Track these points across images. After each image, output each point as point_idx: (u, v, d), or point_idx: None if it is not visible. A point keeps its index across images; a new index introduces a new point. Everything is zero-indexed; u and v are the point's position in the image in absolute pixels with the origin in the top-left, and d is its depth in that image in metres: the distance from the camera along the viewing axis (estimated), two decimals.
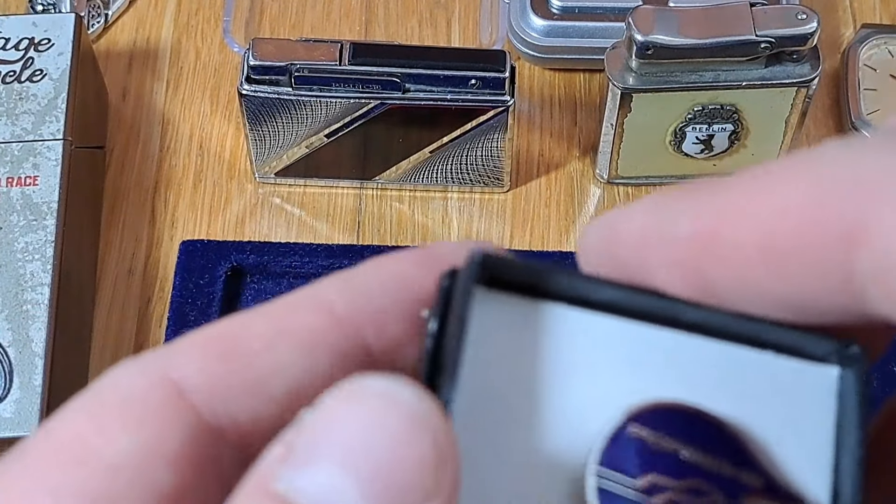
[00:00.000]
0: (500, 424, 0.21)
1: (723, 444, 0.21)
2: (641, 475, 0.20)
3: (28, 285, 0.47)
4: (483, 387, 0.21)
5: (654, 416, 0.21)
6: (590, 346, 0.21)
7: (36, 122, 0.50)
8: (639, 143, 0.51)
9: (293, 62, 0.49)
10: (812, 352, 0.21)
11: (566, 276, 0.21)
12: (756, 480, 0.20)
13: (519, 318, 0.21)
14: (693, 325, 0.21)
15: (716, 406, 0.21)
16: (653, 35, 0.47)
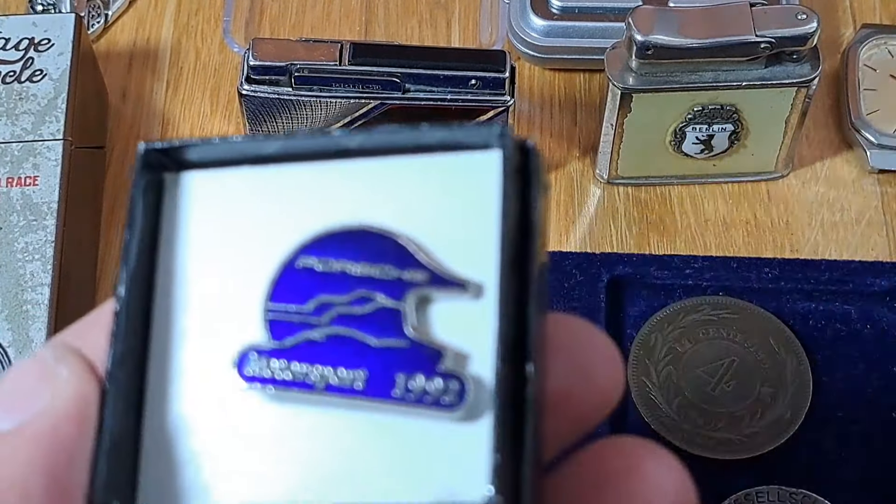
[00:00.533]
0: (195, 283, 0.23)
1: (388, 251, 0.22)
2: (310, 299, 0.22)
3: (28, 285, 0.47)
4: (175, 258, 0.23)
5: (321, 243, 0.22)
6: (257, 198, 0.23)
7: (36, 123, 0.50)
8: (639, 144, 0.51)
9: (293, 62, 0.49)
10: (473, 142, 0.22)
11: (212, 144, 0.23)
12: (421, 276, 0.22)
13: (201, 189, 0.23)
14: (352, 150, 0.23)
15: (385, 219, 0.22)
16: (653, 35, 0.47)
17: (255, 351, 0.22)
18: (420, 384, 0.21)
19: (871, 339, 0.49)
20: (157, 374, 0.22)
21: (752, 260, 0.51)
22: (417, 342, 0.21)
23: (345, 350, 0.21)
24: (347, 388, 0.21)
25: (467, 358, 0.21)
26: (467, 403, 0.21)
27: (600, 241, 0.52)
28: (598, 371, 0.23)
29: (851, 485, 0.46)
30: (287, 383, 0.21)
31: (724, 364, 0.48)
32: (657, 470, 0.22)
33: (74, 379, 0.22)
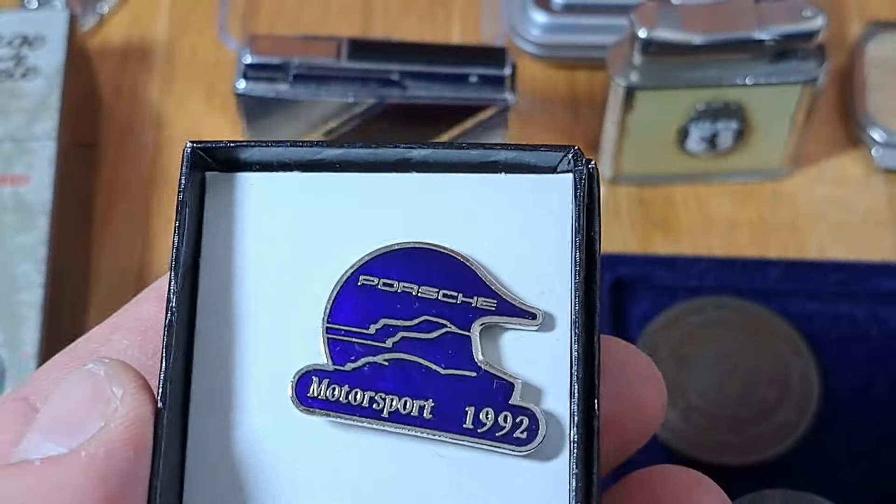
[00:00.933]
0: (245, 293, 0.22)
1: (456, 275, 0.21)
2: (372, 322, 0.21)
3: (20, 286, 0.46)
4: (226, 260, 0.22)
5: (384, 261, 0.21)
6: (312, 205, 0.22)
7: (28, 120, 0.50)
8: (642, 142, 0.51)
9: (291, 59, 0.49)
10: (544, 164, 0.22)
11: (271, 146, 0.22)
12: (489, 303, 0.21)
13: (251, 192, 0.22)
14: (421, 163, 0.22)
15: (450, 238, 0.21)
16: (656, 31, 0.47)
17: (316, 373, 0.21)
18: (491, 417, 0.20)
19: (879, 340, 0.49)
20: (203, 394, 0.21)
21: (758, 260, 0.50)
22: (488, 373, 0.21)
23: (411, 377, 0.21)
24: (415, 417, 0.20)
25: (539, 392, 0.21)
26: (539, 440, 0.20)
27: (603, 241, 0.51)
28: (643, 394, 0.23)
29: (858, 488, 0.46)
30: (351, 409, 0.21)
31: (728, 366, 0.48)
32: (704, 500, 0.22)
33: (129, 400, 0.21)
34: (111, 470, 0.20)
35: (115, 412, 0.21)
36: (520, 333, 0.21)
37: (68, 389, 0.21)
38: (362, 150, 0.22)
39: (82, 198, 0.52)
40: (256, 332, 0.22)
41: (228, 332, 0.22)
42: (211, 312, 0.22)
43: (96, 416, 0.21)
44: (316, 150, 0.22)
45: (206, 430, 0.21)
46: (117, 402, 0.21)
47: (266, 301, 0.22)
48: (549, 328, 0.21)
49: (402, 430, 0.21)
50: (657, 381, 0.23)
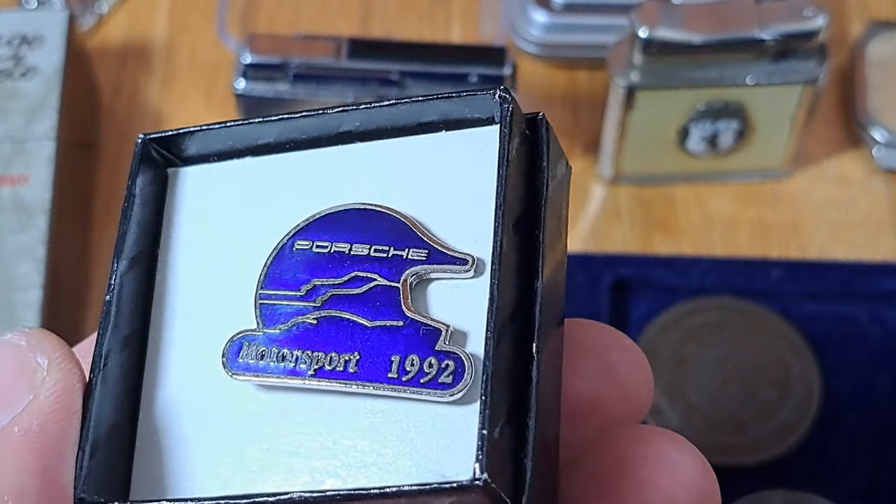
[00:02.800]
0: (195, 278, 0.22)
1: (390, 231, 0.21)
2: (304, 284, 0.21)
3: (19, 286, 0.46)
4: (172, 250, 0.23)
5: (319, 225, 0.21)
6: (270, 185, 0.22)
7: (27, 120, 0.49)
8: (643, 142, 0.51)
9: (290, 59, 0.49)
10: (483, 115, 0.21)
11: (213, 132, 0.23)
12: (420, 254, 0.21)
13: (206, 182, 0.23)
14: (362, 133, 0.22)
15: (389, 198, 0.21)
16: (657, 31, 0.47)
17: (246, 338, 0.21)
18: (416, 365, 0.20)
19: (880, 340, 0.49)
20: (151, 364, 0.22)
21: (758, 261, 0.50)
22: (415, 321, 0.20)
23: (338, 333, 0.21)
24: (340, 372, 0.20)
25: (467, 336, 0.20)
26: (465, 384, 0.20)
27: (603, 241, 0.52)
28: (627, 376, 0.22)
29: (859, 489, 0.46)
30: (277, 370, 0.21)
31: (729, 367, 0.48)
32: (677, 458, 0.22)
33: (55, 369, 0.21)
34: (46, 442, 0.20)
35: (42, 383, 0.21)
36: (453, 282, 0.21)
37: None
38: (301, 119, 0.22)
39: (81, 198, 0.52)
40: (199, 307, 0.22)
41: (174, 310, 0.22)
42: (161, 294, 0.22)
43: (24, 388, 0.21)
44: (259, 126, 0.22)
45: (149, 401, 0.22)
46: (44, 372, 0.21)
47: (213, 282, 0.22)
48: (482, 274, 0.21)
49: (326, 386, 0.20)
50: (643, 365, 0.22)
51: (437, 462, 0.20)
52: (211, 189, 0.23)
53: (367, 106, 0.22)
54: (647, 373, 0.22)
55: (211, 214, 0.23)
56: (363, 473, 0.20)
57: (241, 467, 0.21)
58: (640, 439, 0.22)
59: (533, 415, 0.19)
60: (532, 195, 0.21)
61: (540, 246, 0.20)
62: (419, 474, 0.20)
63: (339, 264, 0.21)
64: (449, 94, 0.21)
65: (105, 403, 0.21)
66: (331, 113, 0.22)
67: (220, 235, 0.22)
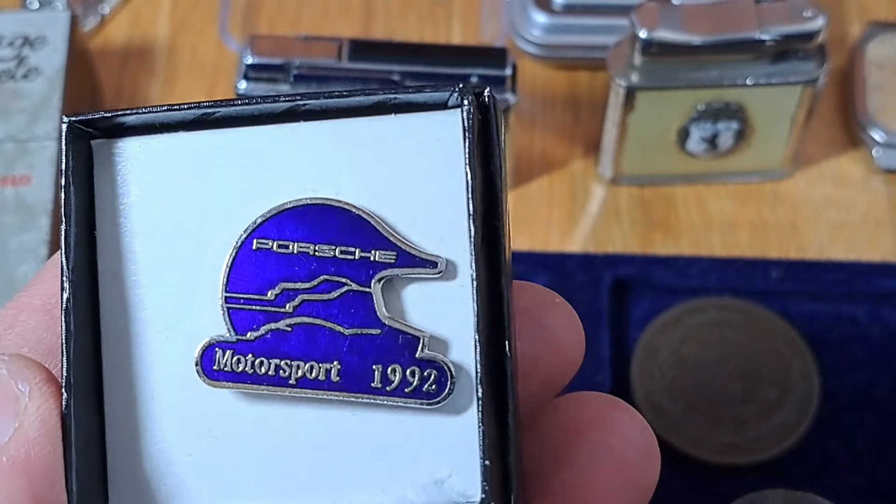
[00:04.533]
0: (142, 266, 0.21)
1: (352, 229, 0.20)
2: (271, 287, 0.20)
3: (22, 286, 0.46)
4: (120, 232, 0.21)
5: (278, 222, 0.21)
6: (210, 164, 0.21)
7: (30, 121, 0.49)
8: (643, 142, 0.51)
9: (291, 60, 0.49)
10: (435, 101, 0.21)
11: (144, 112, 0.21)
12: (388, 256, 0.20)
13: (137, 157, 0.21)
14: (309, 112, 0.21)
15: (344, 190, 0.21)
16: (657, 32, 0.47)
17: (219, 345, 0.20)
18: (398, 374, 0.20)
19: (879, 340, 0.49)
20: (114, 373, 0.21)
21: (758, 261, 0.50)
22: (392, 329, 0.20)
23: (315, 341, 0.20)
24: (323, 381, 0.20)
25: (446, 343, 0.20)
26: (449, 392, 0.20)
27: (603, 241, 0.52)
28: (560, 333, 0.23)
29: (859, 488, 0.46)
30: (258, 378, 0.20)
31: (729, 366, 0.48)
32: (623, 420, 0.23)
33: (37, 395, 0.21)
34: (35, 469, 0.20)
35: (25, 410, 0.20)
36: (423, 284, 0.20)
37: None
38: (247, 106, 0.21)
39: None
40: (158, 307, 0.21)
41: (130, 308, 0.21)
42: (111, 290, 0.21)
43: (9, 416, 0.21)
44: (197, 111, 0.21)
45: (118, 410, 0.21)
46: (26, 398, 0.21)
47: (164, 273, 0.21)
48: (452, 276, 0.20)
49: (310, 395, 0.20)
50: (574, 321, 0.23)
51: (430, 471, 0.20)
52: (145, 167, 0.21)
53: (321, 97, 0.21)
54: (579, 329, 0.23)
55: (150, 197, 0.21)
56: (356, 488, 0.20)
57: (225, 481, 0.20)
58: (586, 404, 0.23)
59: (511, 413, 0.20)
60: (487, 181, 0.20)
61: (501, 238, 0.20)
62: (417, 489, 0.20)
63: (305, 266, 0.21)
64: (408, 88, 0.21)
65: (81, 423, 0.20)
66: (277, 103, 0.21)
67: (165, 221, 0.21)
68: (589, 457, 0.22)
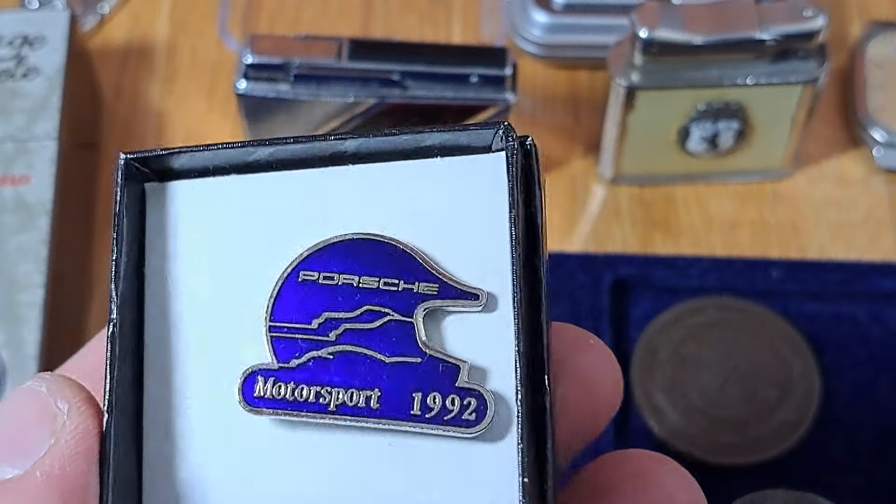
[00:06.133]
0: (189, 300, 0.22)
1: (396, 263, 0.21)
2: (315, 317, 0.21)
3: (21, 286, 0.46)
4: (165, 274, 0.22)
5: (323, 255, 0.21)
6: (259, 205, 0.22)
7: (29, 121, 0.49)
8: (643, 142, 0.51)
9: (291, 59, 0.49)
10: (478, 144, 0.21)
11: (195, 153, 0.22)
12: (431, 288, 0.21)
13: (189, 200, 0.22)
14: (354, 155, 0.22)
15: (389, 227, 0.21)
16: (657, 31, 0.47)
17: (261, 373, 0.21)
18: (438, 402, 0.20)
19: (880, 340, 0.49)
20: (154, 401, 0.21)
21: (758, 260, 0.50)
22: (433, 358, 0.20)
23: (356, 368, 0.21)
24: (363, 408, 0.20)
25: (486, 373, 0.20)
26: (489, 421, 0.20)
27: (604, 241, 0.52)
28: (595, 376, 0.22)
29: (860, 489, 0.46)
30: (297, 406, 0.20)
31: (729, 367, 0.48)
32: (665, 477, 0.22)
33: (75, 413, 0.21)
34: (68, 485, 0.20)
35: (63, 427, 0.21)
36: (464, 316, 0.21)
37: (13, 409, 0.21)
38: (293, 146, 0.22)
39: (83, 198, 0.52)
40: (202, 337, 0.21)
41: (175, 339, 0.22)
42: (157, 321, 0.22)
43: (45, 433, 0.21)
44: (248, 150, 0.22)
45: (158, 437, 0.21)
46: (64, 416, 0.21)
47: (210, 305, 0.22)
48: (493, 308, 0.21)
49: (350, 423, 0.20)
50: (613, 368, 0.23)
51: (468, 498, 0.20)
52: (196, 207, 0.22)
53: (366, 136, 0.21)
54: (615, 372, 0.23)
55: (200, 235, 0.22)
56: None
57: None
58: (629, 462, 0.22)
59: (549, 446, 0.20)
60: (529, 222, 0.21)
61: (542, 277, 0.21)
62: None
63: (349, 297, 0.21)
64: (452, 128, 0.21)
65: (119, 445, 0.21)
66: (327, 141, 0.22)
67: (213, 258, 0.22)
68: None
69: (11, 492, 0.20)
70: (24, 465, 0.21)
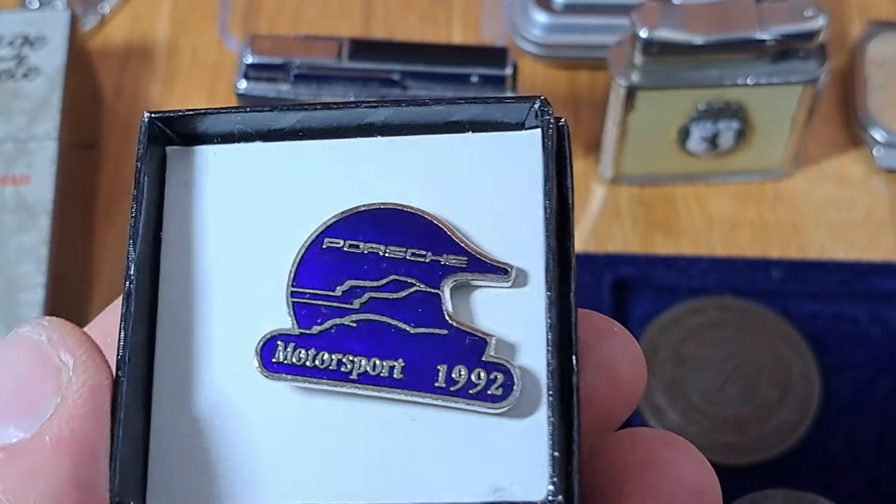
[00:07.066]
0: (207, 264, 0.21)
1: (424, 234, 0.21)
2: (339, 284, 0.20)
3: (21, 286, 0.46)
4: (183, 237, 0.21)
5: (350, 223, 0.21)
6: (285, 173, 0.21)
7: (30, 121, 0.49)
8: (643, 142, 0.51)
9: (292, 59, 0.49)
10: (512, 120, 0.21)
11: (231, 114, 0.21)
12: (460, 260, 0.20)
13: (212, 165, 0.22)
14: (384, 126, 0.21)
15: (418, 199, 0.21)
16: (658, 31, 0.47)
17: (281, 338, 0.20)
18: (463, 375, 0.20)
19: (880, 340, 0.49)
20: (167, 363, 0.21)
21: (759, 260, 0.50)
22: (459, 330, 0.20)
23: (380, 338, 0.20)
24: (385, 378, 0.20)
25: (513, 348, 0.20)
26: (515, 397, 0.20)
27: (604, 241, 0.52)
28: (619, 364, 0.22)
29: (860, 489, 0.46)
30: (318, 373, 0.20)
31: (729, 367, 0.48)
32: (677, 460, 0.22)
33: (81, 369, 0.19)
34: (78, 449, 0.19)
35: (69, 384, 0.19)
36: (492, 290, 0.20)
37: (11, 360, 0.20)
38: (323, 111, 0.21)
39: (84, 198, 0.52)
40: (220, 301, 0.21)
41: (191, 302, 0.21)
42: (173, 284, 0.21)
43: (50, 390, 0.19)
44: (276, 114, 0.21)
45: (169, 399, 0.20)
46: (69, 372, 0.19)
47: (229, 269, 0.21)
48: (522, 284, 0.20)
49: (371, 392, 0.20)
50: (637, 357, 0.22)
51: (490, 477, 0.19)
52: (219, 173, 0.22)
53: (398, 105, 0.21)
54: (640, 360, 0.22)
55: (221, 201, 0.21)
56: (418, 488, 0.20)
57: (273, 477, 0.20)
58: (641, 443, 0.22)
59: (576, 427, 0.19)
60: (560, 200, 0.21)
61: (571, 255, 0.20)
62: (479, 490, 0.19)
63: (375, 266, 0.20)
64: (485, 99, 0.21)
65: (132, 403, 0.20)
66: (358, 108, 0.21)
67: (233, 225, 0.21)
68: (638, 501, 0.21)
69: (21, 458, 0.19)
70: (29, 426, 0.19)
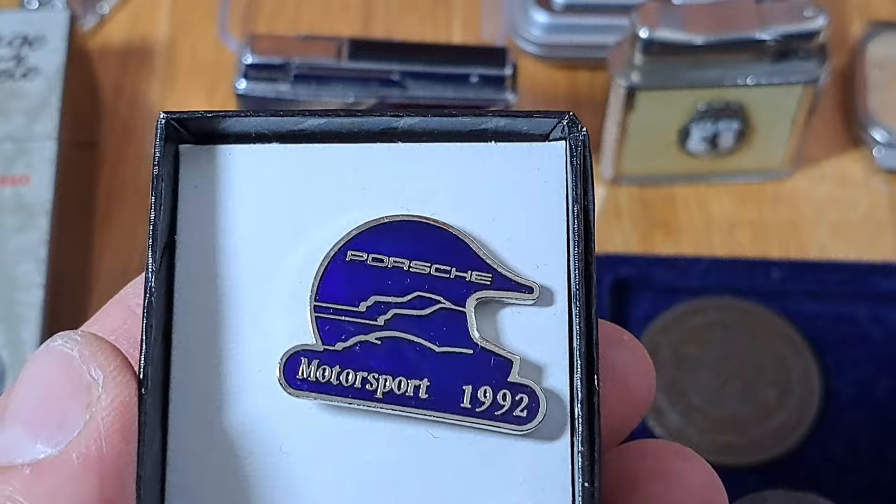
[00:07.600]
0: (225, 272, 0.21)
1: (448, 248, 0.20)
2: (363, 299, 0.20)
3: (20, 286, 0.46)
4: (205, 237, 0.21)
5: (373, 235, 0.20)
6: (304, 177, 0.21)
7: (29, 121, 0.49)
8: (643, 142, 0.51)
9: (291, 59, 0.49)
10: (536, 132, 0.21)
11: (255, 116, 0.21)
12: (484, 277, 0.20)
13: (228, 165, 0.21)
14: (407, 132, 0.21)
15: (441, 210, 0.21)
16: (658, 31, 0.47)
17: (305, 353, 0.20)
18: (489, 396, 0.20)
19: (880, 341, 0.49)
20: (184, 378, 0.20)
21: (759, 261, 0.50)
22: (484, 350, 0.20)
23: (404, 356, 0.20)
24: (410, 398, 0.20)
25: (538, 369, 0.20)
26: (540, 419, 0.20)
27: (604, 241, 0.52)
28: (632, 378, 0.22)
29: (859, 489, 0.46)
30: (343, 391, 0.20)
31: (729, 367, 0.48)
32: (685, 471, 0.22)
33: (111, 385, 0.19)
34: (106, 467, 0.19)
35: (98, 401, 0.19)
36: (516, 308, 0.20)
37: (41, 373, 0.19)
38: (346, 119, 0.21)
39: (83, 198, 0.52)
40: (239, 312, 0.20)
41: (209, 312, 0.20)
42: (190, 293, 0.21)
43: (79, 406, 0.19)
44: (297, 119, 0.21)
45: (188, 414, 0.20)
46: (99, 388, 0.19)
47: (248, 279, 0.21)
48: (547, 303, 0.20)
49: (396, 412, 0.20)
50: (647, 366, 0.22)
51: (515, 496, 0.20)
52: (235, 173, 0.21)
53: (423, 115, 0.21)
54: (649, 369, 0.22)
55: (237, 203, 0.21)
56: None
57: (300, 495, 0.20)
58: (648, 454, 0.22)
59: (597, 448, 0.19)
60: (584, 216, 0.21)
61: (593, 275, 0.20)
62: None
63: (399, 281, 0.20)
64: (514, 113, 0.21)
65: (153, 421, 0.19)
66: (383, 117, 0.21)
67: (251, 229, 0.21)
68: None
69: (47, 475, 0.19)
70: (57, 442, 0.19)
